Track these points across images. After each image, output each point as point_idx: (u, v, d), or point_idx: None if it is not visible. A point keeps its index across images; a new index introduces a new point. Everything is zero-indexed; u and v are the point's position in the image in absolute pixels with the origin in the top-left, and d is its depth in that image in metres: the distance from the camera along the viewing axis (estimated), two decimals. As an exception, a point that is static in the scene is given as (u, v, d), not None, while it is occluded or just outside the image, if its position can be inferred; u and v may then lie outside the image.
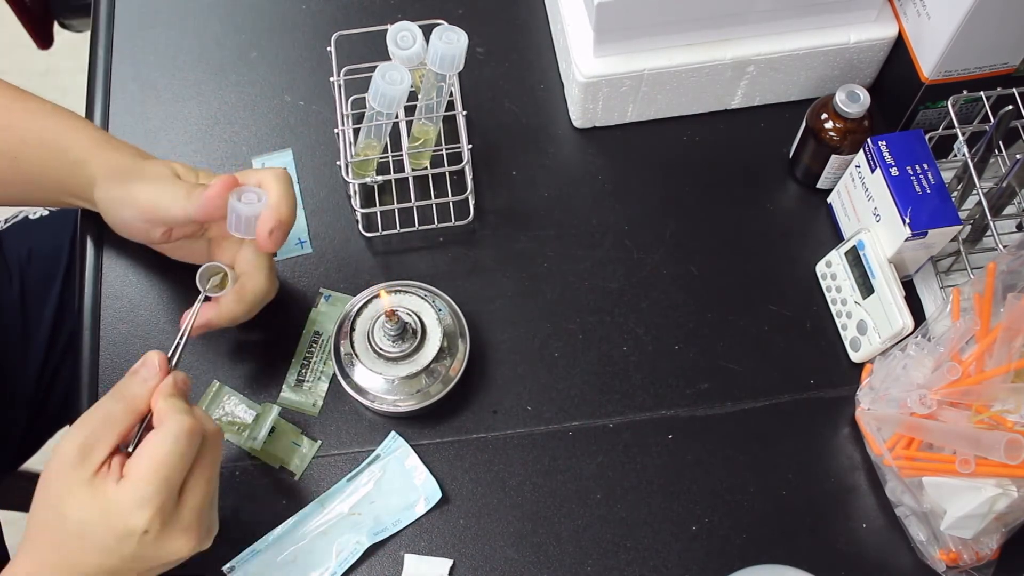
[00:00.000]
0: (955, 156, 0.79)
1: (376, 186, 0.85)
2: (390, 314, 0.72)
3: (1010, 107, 0.71)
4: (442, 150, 0.84)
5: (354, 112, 0.84)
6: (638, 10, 0.78)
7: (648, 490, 0.76)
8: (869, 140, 0.76)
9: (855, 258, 0.78)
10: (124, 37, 0.93)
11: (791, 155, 0.87)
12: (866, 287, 0.77)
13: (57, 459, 0.60)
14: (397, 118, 0.81)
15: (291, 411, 0.78)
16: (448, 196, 0.82)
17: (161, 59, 0.92)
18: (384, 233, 0.83)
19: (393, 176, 0.81)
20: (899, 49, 0.84)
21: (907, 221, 0.73)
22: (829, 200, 0.86)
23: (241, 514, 0.74)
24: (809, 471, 0.77)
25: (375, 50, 0.83)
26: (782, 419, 0.78)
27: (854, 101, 0.79)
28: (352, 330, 0.75)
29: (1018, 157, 0.71)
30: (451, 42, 0.74)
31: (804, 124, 0.83)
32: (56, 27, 1.33)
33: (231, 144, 0.88)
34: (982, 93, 0.76)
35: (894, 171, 0.75)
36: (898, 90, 0.85)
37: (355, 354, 0.74)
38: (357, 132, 0.81)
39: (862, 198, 0.79)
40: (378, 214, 0.83)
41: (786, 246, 0.85)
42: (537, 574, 0.73)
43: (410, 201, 0.81)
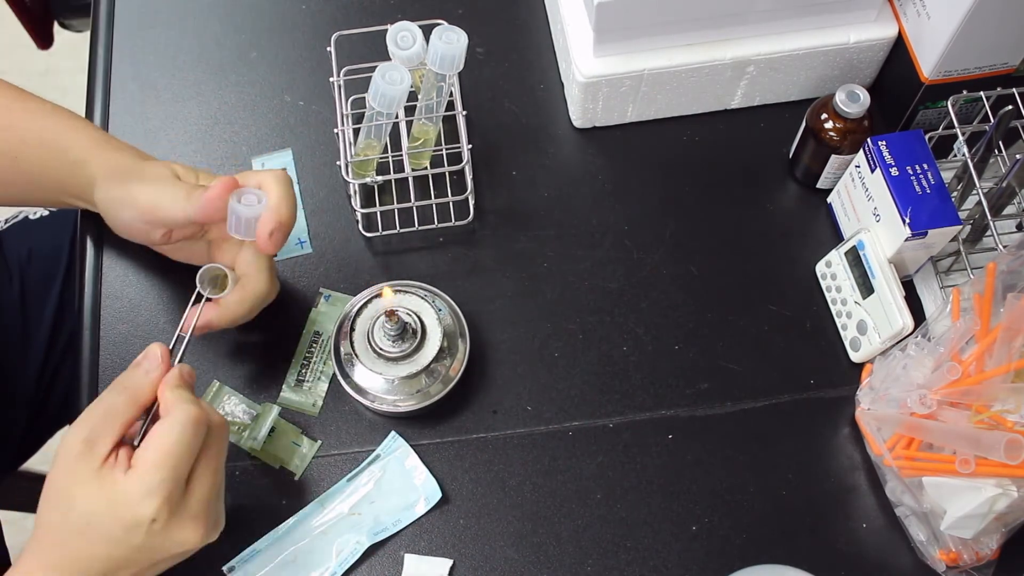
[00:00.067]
0: (955, 156, 0.79)
1: (376, 186, 0.85)
2: (390, 314, 0.72)
3: (1010, 107, 0.71)
4: (442, 150, 0.84)
5: (354, 112, 0.84)
6: (638, 10, 0.78)
7: (648, 490, 0.76)
8: (869, 140, 0.76)
9: (855, 258, 0.78)
10: (124, 37, 0.93)
11: (791, 155, 0.87)
12: (866, 287, 0.77)
13: (62, 455, 0.60)
14: (397, 118, 0.81)
15: (291, 411, 0.78)
16: (448, 196, 0.82)
17: (161, 59, 0.92)
18: (384, 233, 0.83)
19: (393, 176, 0.81)
20: (899, 49, 0.84)
21: (907, 221, 0.73)
22: (829, 200, 0.86)
23: (241, 514, 0.74)
24: (809, 471, 0.77)
25: (375, 50, 0.83)
26: (782, 419, 0.78)
27: (854, 101, 0.79)
28: (352, 330, 0.75)
29: (1018, 157, 0.71)
30: (451, 42, 0.74)
31: (804, 124, 0.83)
32: (56, 27, 1.33)
33: (231, 144, 0.88)
34: (982, 93, 0.76)
35: (894, 171, 0.75)
36: (898, 90, 0.85)
37: (355, 354, 0.74)
38: (357, 132, 0.81)
39: (862, 198, 0.79)
40: (378, 214, 0.83)
41: (786, 246, 0.85)
42: (537, 574, 0.73)
43: (410, 201, 0.81)
